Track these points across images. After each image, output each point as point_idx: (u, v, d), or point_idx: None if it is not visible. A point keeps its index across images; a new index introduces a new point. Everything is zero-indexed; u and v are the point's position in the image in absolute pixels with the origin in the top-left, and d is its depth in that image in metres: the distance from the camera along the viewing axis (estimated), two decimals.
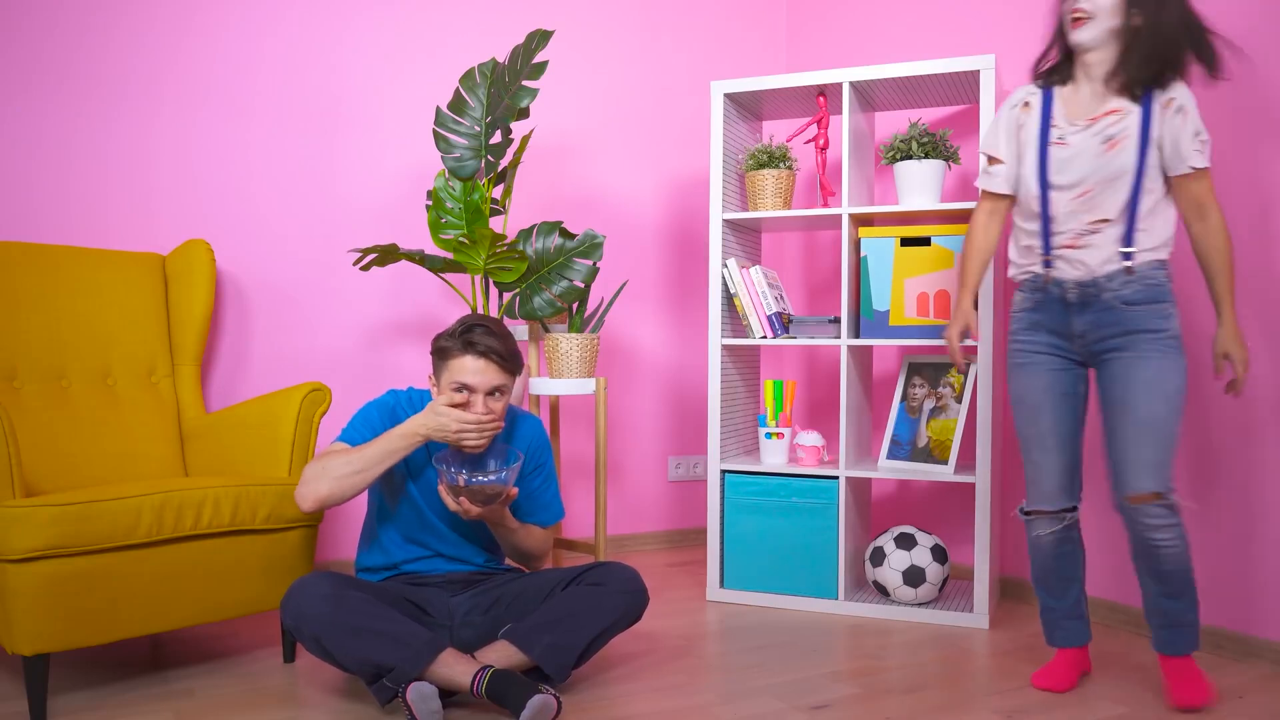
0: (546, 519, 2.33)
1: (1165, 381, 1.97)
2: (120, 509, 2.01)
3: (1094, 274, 2.02)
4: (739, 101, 3.09)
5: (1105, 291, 2.01)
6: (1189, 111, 1.96)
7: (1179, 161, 1.97)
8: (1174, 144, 1.97)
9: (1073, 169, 2.02)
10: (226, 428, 2.56)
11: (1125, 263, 1.99)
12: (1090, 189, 2.01)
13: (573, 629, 2.05)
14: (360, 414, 2.19)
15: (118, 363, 2.61)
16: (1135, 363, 1.99)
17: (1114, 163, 1.98)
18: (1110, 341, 2.03)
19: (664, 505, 3.76)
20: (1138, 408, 1.97)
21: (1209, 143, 2.01)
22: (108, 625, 2.03)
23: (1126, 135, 1.98)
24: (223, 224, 3.02)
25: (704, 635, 2.61)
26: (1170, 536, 1.98)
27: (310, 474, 2.05)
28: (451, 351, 2.08)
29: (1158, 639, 2.09)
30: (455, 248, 2.81)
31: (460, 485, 2.01)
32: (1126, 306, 2.00)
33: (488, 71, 2.92)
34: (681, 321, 3.76)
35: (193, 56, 2.98)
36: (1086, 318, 2.04)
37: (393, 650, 1.91)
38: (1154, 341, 1.98)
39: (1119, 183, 1.98)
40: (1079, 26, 1.99)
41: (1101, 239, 2.01)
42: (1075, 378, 2.13)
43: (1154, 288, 1.99)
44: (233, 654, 2.42)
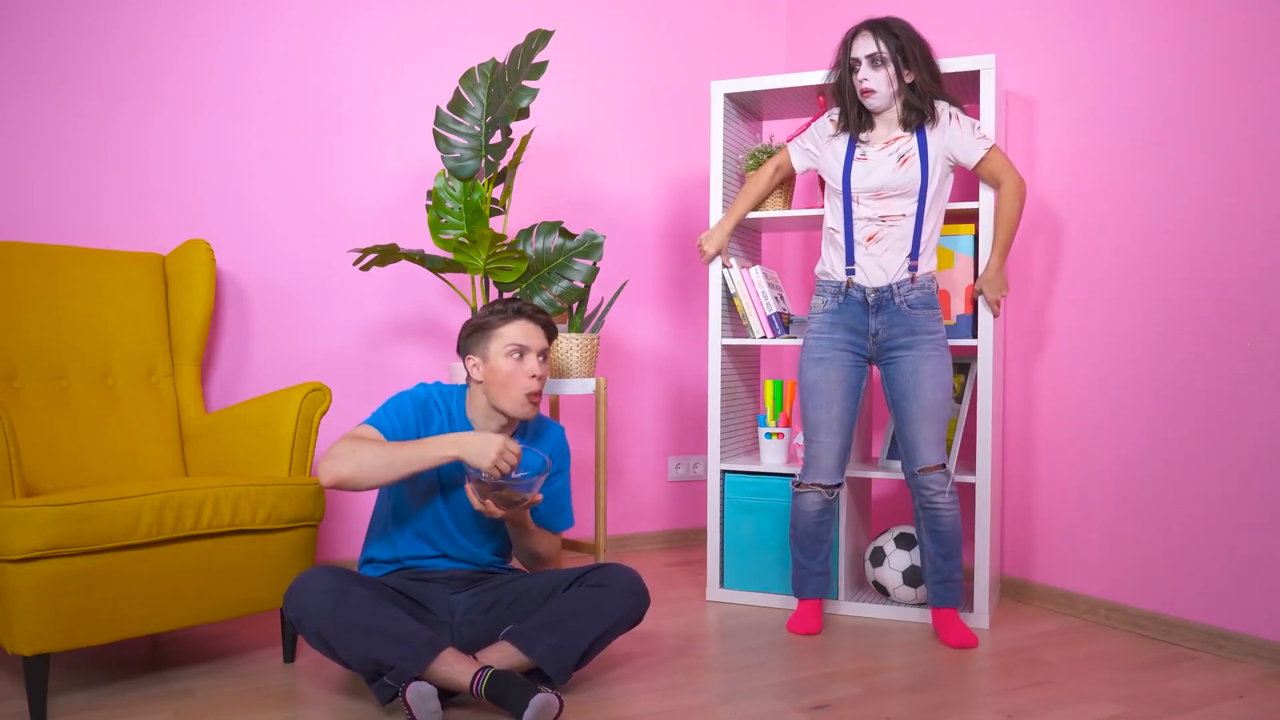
0: (560, 525, 2.35)
1: (940, 374, 2.48)
2: (120, 509, 2.01)
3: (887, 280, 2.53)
4: (739, 101, 3.09)
5: (895, 296, 2.52)
6: (960, 117, 2.52)
7: (972, 157, 2.53)
8: (959, 146, 2.52)
9: (872, 179, 2.52)
10: (226, 428, 2.56)
11: (910, 273, 2.50)
12: (883, 192, 2.51)
13: (574, 630, 2.05)
14: (393, 402, 2.20)
15: (118, 363, 2.61)
16: (918, 360, 2.49)
17: (905, 178, 2.50)
18: (898, 340, 2.52)
19: (664, 505, 3.76)
20: (914, 397, 2.48)
21: (982, 130, 2.54)
22: (108, 625, 2.03)
23: (913, 153, 2.50)
24: (223, 224, 3.02)
25: (704, 635, 2.61)
26: (948, 501, 2.50)
27: (339, 450, 2.04)
28: (496, 322, 2.19)
29: (933, 594, 2.56)
30: (455, 248, 2.82)
31: (490, 486, 2.01)
32: (910, 310, 2.51)
33: (488, 71, 2.92)
34: (681, 321, 3.76)
35: (193, 56, 2.98)
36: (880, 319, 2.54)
37: (393, 648, 1.91)
38: (931, 341, 2.50)
39: (906, 193, 2.50)
40: (868, 97, 2.49)
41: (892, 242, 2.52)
42: (860, 370, 2.60)
43: (930, 296, 2.52)
44: (233, 654, 2.43)
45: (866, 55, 2.47)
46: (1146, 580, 2.64)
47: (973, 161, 2.53)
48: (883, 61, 2.46)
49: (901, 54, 2.46)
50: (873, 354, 2.58)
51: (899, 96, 2.50)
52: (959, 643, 2.49)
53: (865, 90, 2.48)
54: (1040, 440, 2.92)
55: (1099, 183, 2.76)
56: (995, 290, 2.61)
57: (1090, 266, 2.78)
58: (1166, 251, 2.59)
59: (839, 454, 2.58)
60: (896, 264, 2.51)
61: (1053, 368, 2.88)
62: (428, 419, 2.22)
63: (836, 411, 2.57)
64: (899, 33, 2.46)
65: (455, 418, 2.25)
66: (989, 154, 2.53)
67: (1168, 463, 2.58)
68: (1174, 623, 2.55)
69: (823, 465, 2.58)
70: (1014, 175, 2.55)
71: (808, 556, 2.64)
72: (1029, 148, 2.95)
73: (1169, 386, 2.58)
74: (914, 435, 2.49)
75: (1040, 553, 2.93)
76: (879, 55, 2.46)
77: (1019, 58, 2.99)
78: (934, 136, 2.51)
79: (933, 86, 2.50)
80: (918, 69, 2.48)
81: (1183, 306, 2.55)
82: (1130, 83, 2.69)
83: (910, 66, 2.47)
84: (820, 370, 2.58)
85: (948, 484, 2.49)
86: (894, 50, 2.45)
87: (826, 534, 2.63)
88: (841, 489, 2.60)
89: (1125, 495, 2.69)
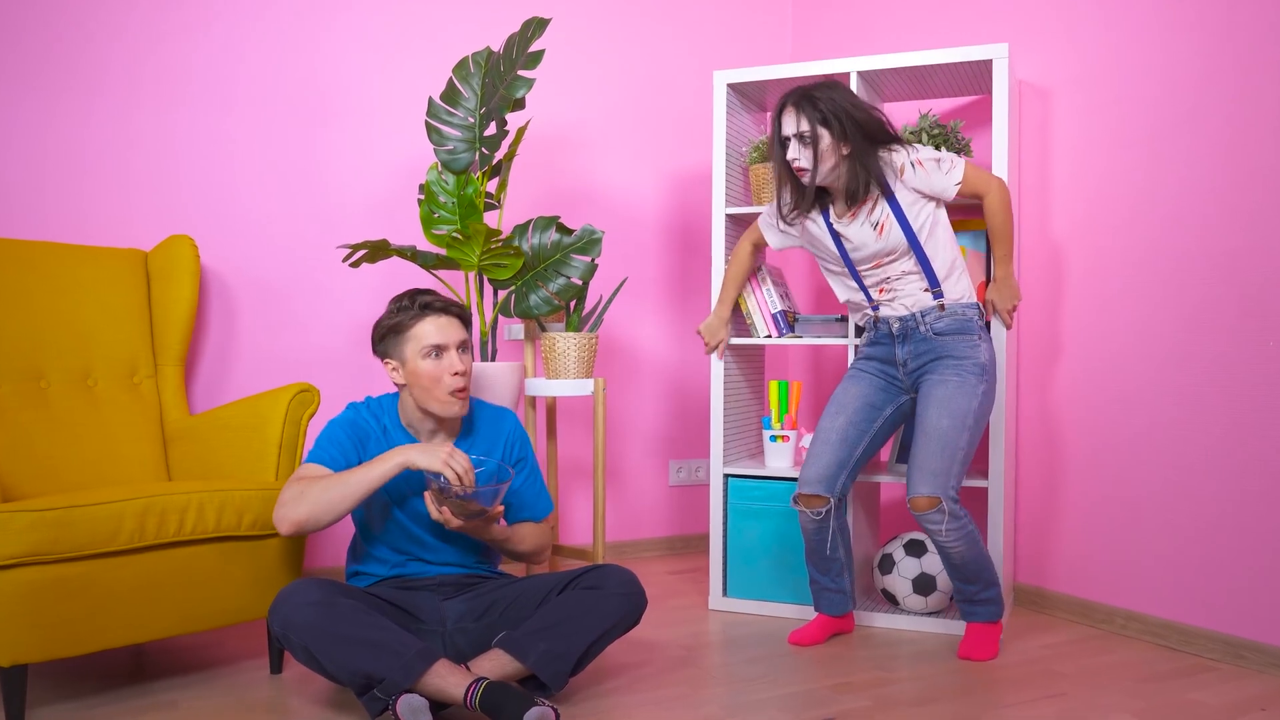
0: (536, 514, 2.34)
1: (954, 400, 2.39)
2: (101, 514, 2.01)
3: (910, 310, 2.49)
4: (742, 92, 3.09)
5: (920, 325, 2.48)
6: (920, 160, 2.42)
7: (948, 192, 2.45)
8: (931, 187, 2.43)
9: (861, 252, 2.49)
10: (211, 430, 2.56)
11: (936, 300, 2.46)
12: (879, 262, 2.48)
13: (569, 634, 2.05)
14: (325, 433, 2.20)
15: (98, 363, 2.62)
16: (936, 383, 2.43)
17: (889, 242, 2.44)
18: (925, 366, 2.49)
19: (665, 511, 3.76)
20: (923, 421, 2.41)
21: (942, 152, 2.46)
22: (88, 635, 2.03)
23: (886, 216, 2.43)
24: (207, 219, 3.03)
25: (706, 645, 2.61)
26: (952, 536, 2.38)
27: (287, 496, 2.05)
28: (407, 323, 2.16)
29: (961, 610, 2.53)
30: (448, 243, 2.82)
31: (444, 495, 2.02)
32: (937, 337, 2.47)
33: (482, 61, 2.93)
34: (683, 320, 3.77)
35: (175, 43, 2.98)
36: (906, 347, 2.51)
37: (384, 660, 1.91)
38: (956, 366, 2.43)
39: (900, 252, 2.45)
40: (804, 176, 2.43)
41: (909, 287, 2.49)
42: (889, 392, 2.56)
43: (966, 321, 2.46)
44: (218, 665, 2.43)
45: (794, 134, 2.40)
46: (1165, 588, 2.64)
47: (950, 196, 2.47)
48: (812, 139, 2.38)
49: (828, 126, 2.37)
50: (906, 384, 2.55)
51: (838, 169, 2.42)
52: (966, 654, 2.48)
53: (798, 169, 2.42)
54: (1056, 444, 2.92)
55: (1119, 178, 2.76)
56: (1006, 299, 2.59)
57: (1110, 265, 2.78)
58: (1191, 249, 2.59)
59: (829, 466, 2.53)
60: (919, 300, 2.48)
61: (1069, 369, 2.88)
62: (363, 441, 2.22)
63: (841, 423, 2.55)
64: (824, 105, 2.37)
65: (390, 430, 2.25)
66: (963, 179, 2.46)
67: (1188, 466, 2.58)
68: (1194, 632, 2.55)
69: (807, 473, 2.55)
70: (993, 183, 2.50)
71: (819, 572, 2.62)
72: (1044, 141, 2.95)
73: (1190, 388, 2.58)
74: (912, 461, 2.43)
75: (1055, 560, 2.93)
76: (806, 134, 2.38)
77: (1033, 46, 2.99)
78: (902, 191, 2.43)
79: (872, 154, 2.41)
80: (852, 139, 2.38)
81: (1206, 307, 2.55)
82: (1152, 72, 2.68)
83: (844, 138, 2.38)
84: (846, 385, 2.59)
85: (943, 521, 2.36)
86: (820, 123, 2.37)
87: (833, 552, 2.58)
88: (834, 507, 2.53)
89: (1143, 500, 2.69)
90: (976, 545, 2.41)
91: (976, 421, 2.40)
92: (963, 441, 2.38)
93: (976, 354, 2.43)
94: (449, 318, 2.18)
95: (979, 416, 2.40)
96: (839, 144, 2.39)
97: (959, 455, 2.37)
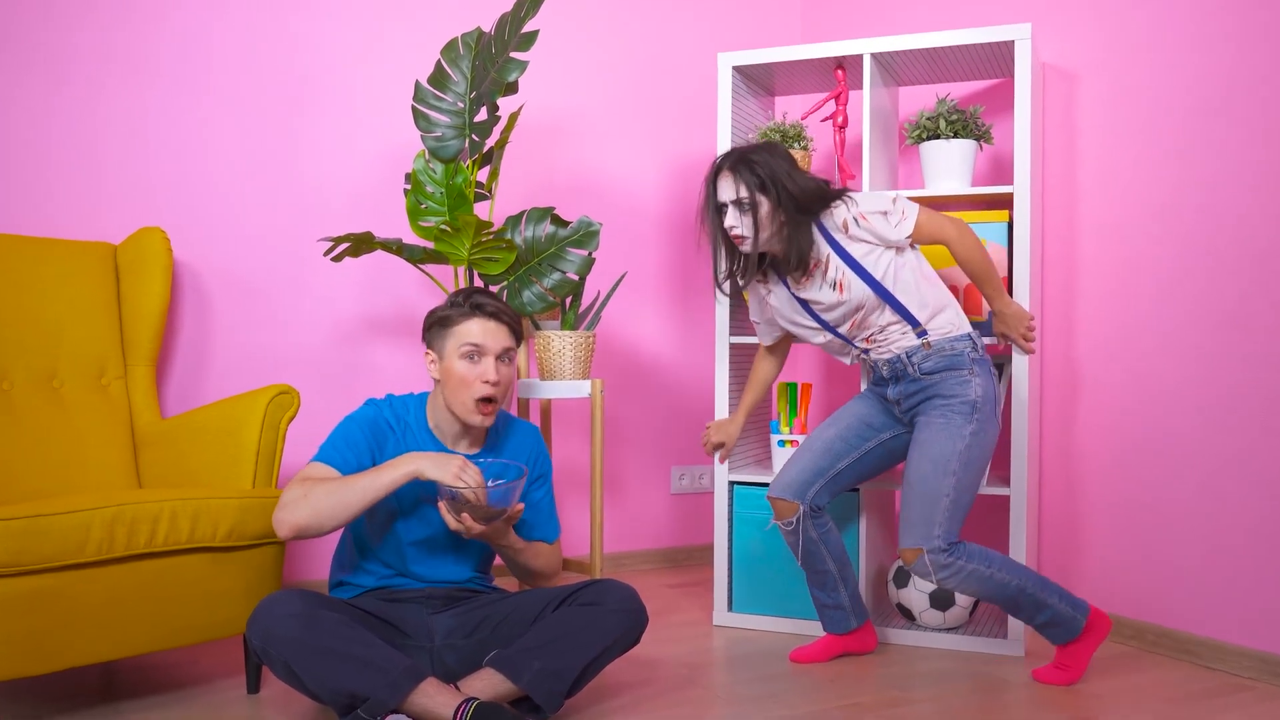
0: (548, 535, 2.36)
1: (935, 444, 2.38)
2: (67, 524, 2.01)
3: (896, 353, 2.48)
4: (749, 75, 3.09)
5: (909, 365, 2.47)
6: (864, 212, 2.40)
7: (900, 244, 2.43)
8: (879, 239, 2.41)
9: (831, 314, 2.47)
10: (184, 434, 2.56)
11: (921, 338, 2.45)
12: (854, 320, 2.46)
13: (565, 653, 2.06)
14: (340, 430, 2.21)
15: (64, 363, 2.62)
16: (922, 426, 2.45)
17: (854, 298, 2.41)
18: (916, 407, 2.49)
19: (666, 520, 3.76)
20: (908, 468, 2.43)
21: (892, 201, 2.42)
22: (53, 652, 2.03)
23: (842, 273, 2.41)
24: (180, 210, 3.03)
25: (710, 663, 2.61)
26: (951, 583, 2.38)
27: (290, 498, 2.06)
28: (456, 318, 2.20)
29: (1043, 635, 2.47)
30: (436, 236, 2.82)
31: (462, 502, 2.02)
32: (925, 376, 2.45)
33: (472, 42, 2.93)
34: (685, 318, 3.77)
35: (146, 23, 2.98)
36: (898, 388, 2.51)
37: (369, 677, 1.91)
38: (944, 407, 2.42)
39: (870, 306, 2.43)
40: (742, 244, 2.42)
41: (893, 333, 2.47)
42: (886, 420, 2.58)
43: (955, 357, 2.43)
44: (192, 684, 2.43)
45: (730, 200, 2.40)
46: (1196, 602, 2.64)
47: (905, 243, 2.44)
48: (751, 205, 2.38)
49: (766, 192, 2.37)
50: (905, 421, 2.56)
51: (778, 236, 2.41)
52: (1038, 677, 2.47)
53: (736, 238, 2.42)
54: (1081, 450, 2.92)
55: (1148, 167, 2.76)
56: (1015, 326, 2.59)
57: (1138, 260, 2.79)
58: (1226, 244, 2.59)
59: (803, 472, 2.56)
60: (903, 341, 2.47)
61: (1095, 371, 2.89)
62: (381, 442, 2.22)
63: (830, 434, 2.59)
64: (762, 170, 2.37)
65: (414, 431, 2.26)
66: (915, 230, 2.43)
67: (1220, 473, 2.59)
68: (1227, 649, 2.56)
69: (780, 477, 2.58)
70: (950, 226, 2.47)
71: (815, 586, 2.63)
72: (1069, 127, 2.96)
73: (1224, 391, 2.58)
74: (900, 511, 2.43)
75: (1081, 572, 2.93)
76: (745, 200, 2.38)
77: (1058, 27, 3.00)
78: (852, 244, 2.42)
79: (806, 223, 2.40)
80: (785, 208, 2.37)
81: (1242, 305, 2.55)
82: (1183, 54, 2.69)
83: (779, 204, 2.38)
84: (850, 402, 2.65)
85: (932, 573, 2.37)
86: (759, 189, 2.37)
87: (822, 564, 2.59)
88: (806, 516, 2.53)
89: (1173, 509, 2.69)
90: (990, 581, 2.37)
91: (964, 465, 2.37)
92: (946, 487, 2.36)
93: (966, 391, 2.42)
94: (498, 324, 2.20)
95: (968, 459, 2.38)
96: (777, 210, 2.39)
97: (942, 503, 2.36)
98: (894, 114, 3.13)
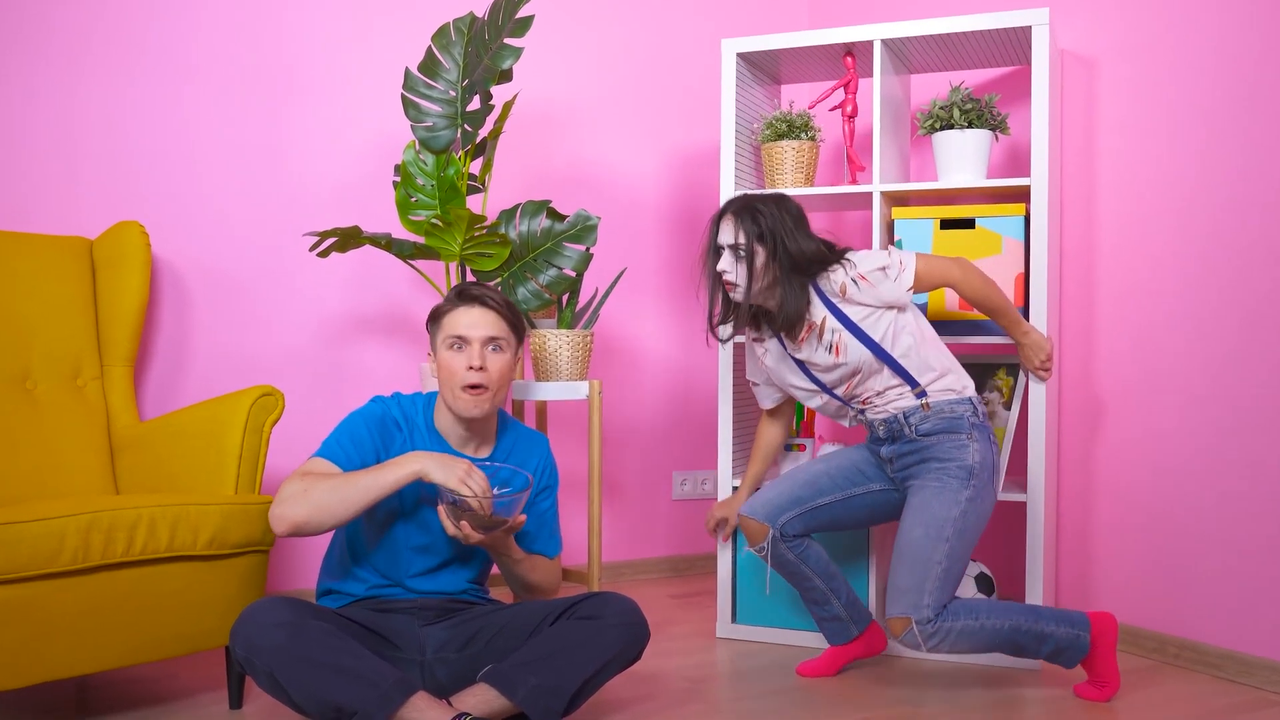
0: (550, 550, 2.36)
1: (929, 509, 2.37)
2: (41, 532, 2.01)
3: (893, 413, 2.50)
4: (754, 62, 3.09)
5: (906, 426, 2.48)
6: (864, 273, 2.41)
7: (901, 299, 2.44)
8: (881, 299, 2.42)
9: (828, 376, 2.50)
10: (164, 438, 2.56)
11: (920, 400, 2.46)
12: (851, 383, 2.48)
13: (563, 668, 2.05)
14: (345, 425, 2.21)
15: (38, 363, 2.61)
16: (916, 490, 2.44)
17: (851, 361, 2.44)
18: (909, 469, 2.49)
19: (668, 528, 3.76)
20: (899, 533, 2.41)
21: (888, 254, 2.44)
22: (26, 666, 2.02)
23: (839, 335, 2.43)
24: (159, 204, 3.02)
25: (713, 677, 2.61)
26: (944, 648, 2.35)
27: (288, 493, 2.06)
28: (444, 311, 2.23)
29: (1056, 664, 2.47)
30: (427, 230, 2.82)
31: (464, 509, 2.02)
32: (922, 437, 2.46)
33: (465, 27, 2.92)
34: (687, 316, 3.77)
35: (126, 9, 2.98)
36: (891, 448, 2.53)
37: (357, 691, 1.91)
38: (939, 470, 2.42)
39: (868, 369, 2.45)
40: (732, 291, 2.46)
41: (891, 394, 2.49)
42: (877, 473, 2.58)
43: (954, 420, 2.44)
44: (172, 699, 2.42)
45: (728, 244, 2.44)
46: (1221, 614, 2.64)
47: (906, 301, 2.46)
48: (747, 254, 2.41)
49: (764, 242, 2.40)
50: (896, 481, 2.56)
51: (771, 290, 2.44)
52: (1079, 693, 2.47)
53: (727, 284, 2.46)
54: (1100, 455, 2.92)
55: (1172, 159, 2.76)
56: (1033, 356, 2.61)
57: (1160, 256, 2.78)
58: (1253, 240, 2.58)
59: (780, 497, 2.56)
60: (901, 402, 2.48)
61: (1115, 371, 2.88)
62: (387, 440, 2.23)
63: (818, 470, 2.60)
64: (766, 220, 2.40)
65: (421, 431, 2.26)
66: (916, 279, 2.44)
67: (1247, 480, 2.58)
68: (1254, 662, 2.55)
69: (758, 496, 2.59)
70: (954, 268, 2.49)
71: (809, 601, 2.64)
72: (1088, 116, 2.95)
73: (1251, 393, 2.58)
74: (890, 577, 2.42)
75: (1100, 581, 2.93)
76: (741, 247, 2.42)
77: (1077, 11, 2.99)
78: (850, 307, 2.44)
79: (799, 285, 2.42)
80: (780, 265, 2.40)
81: (1270, 304, 2.55)
82: (1209, 40, 2.68)
83: (774, 257, 2.41)
84: (846, 449, 2.67)
85: (922, 643, 2.34)
86: (757, 239, 2.40)
87: (805, 582, 2.59)
88: (778, 541, 2.53)
89: (1197, 517, 2.69)
90: (982, 633, 2.35)
91: (958, 532, 2.36)
92: (939, 554, 2.35)
93: (964, 455, 2.41)
94: (483, 309, 2.21)
95: (962, 527, 2.37)
96: (772, 263, 2.42)
97: (934, 570, 2.34)
98: (905, 103, 3.13)
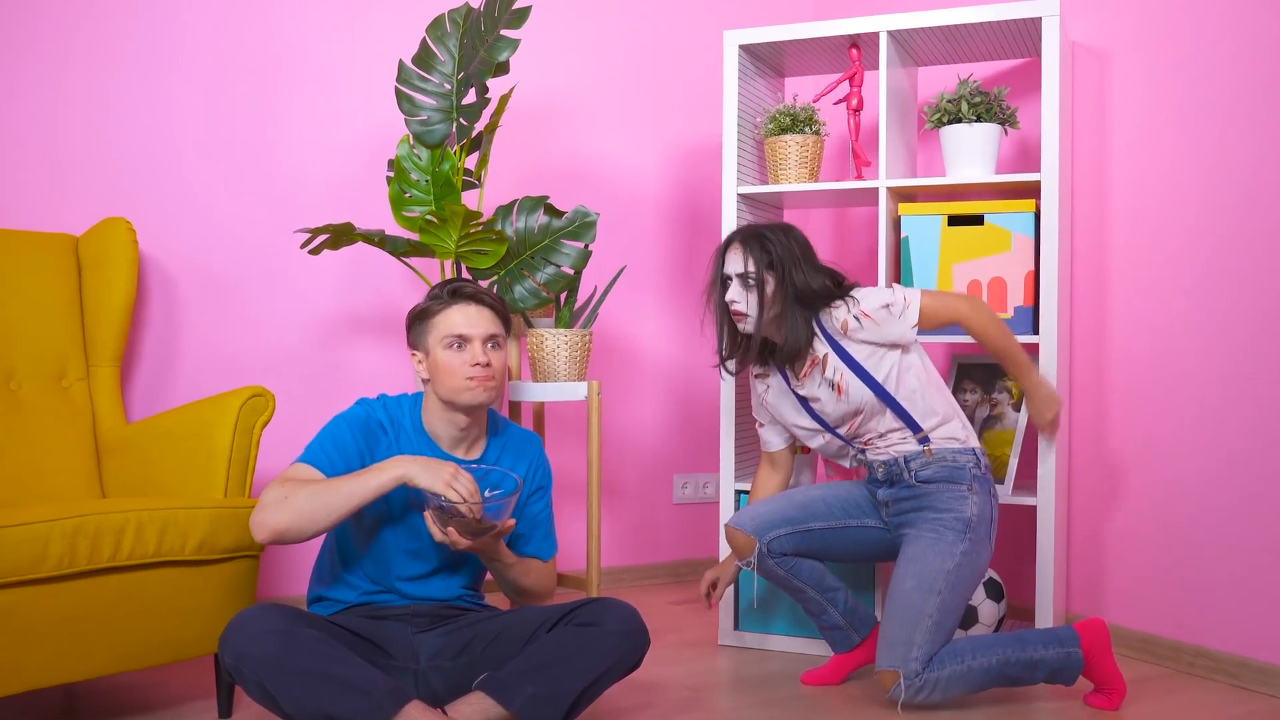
0: (543, 553, 2.35)
1: (922, 560, 2.37)
2: (25, 536, 2.01)
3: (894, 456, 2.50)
4: (757, 54, 3.09)
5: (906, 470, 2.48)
6: (866, 310, 2.42)
7: (906, 337, 2.45)
8: (885, 337, 2.44)
9: (830, 415, 2.51)
10: (151, 440, 2.56)
11: (923, 446, 2.46)
12: (853, 423, 2.49)
13: (560, 677, 2.05)
14: (328, 430, 2.20)
15: (22, 363, 2.61)
16: (911, 539, 2.43)
17: (852, 400, 2.45)
18: (906, 516, 2.48)
19: (669, 532, 3.76)
20: (891, 583, 2.41)
21: (893, 291, 2.46)
22: (10, 674, 2.02)
23: (841, 373, 2.44)
24: (146, 200, 3.02)
25: (715, 686, 2.61)
26: (935, 698, 2.34)
27: (269, 499, 2.05)
28: (435, 309, 2.21)
29: (1056, 684, 2.44)
30: (421, 227, 2.82)
31: (450, 514, 2.02)
32: (921, 485, 2.45)
33: (460, 19, 2.93)
34: (689, 315, 3.76)
35: (108, 2, 2.98)
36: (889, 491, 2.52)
37: (349, 700, 1.91)
38: (935, 521, 2.41)
39: (870, 410, 2.46)
40: (740, 321, 2.48)
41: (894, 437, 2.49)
42: (873, 511, 2.57)
43: (954, 469, 2.43)
44: (159, 708, 2.42)
45: (736, 274, 2.46)
46: (1238, 621, 2.64)
47: (911, 339, 2.47)
48: (757, 283, 2.43)
49: (774, 271, 2.43)
50: (891, 525, 2.55)
51: (779, 321, 2.46)
52: (1089, 701, 2.45)
53: (735, 313, 2.47)
54: (1113, 457, 2.92)
55: (1185, 153, 2.76)
56: (1042, 411, 2.59)
57: (1174, 253, 2.78)
58: (1270, 237, 2.58)
59: (772, 514, 2.55)
60: (902, 446, 2.48)
61: (1130, 371, 2.88)
62: (372, 444, 2.22)
63: (814, 495, 2.59)
64: (775, 249, 2.43)
65: (408, 433, 2.25)
66: (921, 316, 2.45)
67: (1264, 484, 2.58)
68: (1272, 670, 2.55)
69: (746, 509, 2.58)
70: (962, 303, 2.50)
71: (808, 612, 2.64)
72: (1100, 111, 2.95)
73: (1267, 395, 2.58)
74: (880, 627, 2.43)
75: (1113, 587, 2.93)
76: (751, 275, 2.44)
77: (1088, 2, 2.99)
78: (853, 345, 2.46)
79: (802, 317, 2.44)
80: (785, 295, 2.43)
81: None
82: (1224, 31, 2.68)
83: (782, 285, 2.43)
84: (845, 482, 2.65)
85: (912, 697, 2.32)
86: (767, 267, 2.43)
87: (801, 592, 2.59)
88: (764, 556, 2.51)
89: (1213, 521, 2.69)
90: (972, 673, 2.34)
91: (951, 585, 2.36)
92: (930, 607, 2.34)
93: (962, 507, 2.41)
94: (479, 307, 2.21)
95: (955, 580, 2.36)
96: (779, 292, 2.44)
97: (924, 623, 2.33)
98: (912, 96, 3.13)
